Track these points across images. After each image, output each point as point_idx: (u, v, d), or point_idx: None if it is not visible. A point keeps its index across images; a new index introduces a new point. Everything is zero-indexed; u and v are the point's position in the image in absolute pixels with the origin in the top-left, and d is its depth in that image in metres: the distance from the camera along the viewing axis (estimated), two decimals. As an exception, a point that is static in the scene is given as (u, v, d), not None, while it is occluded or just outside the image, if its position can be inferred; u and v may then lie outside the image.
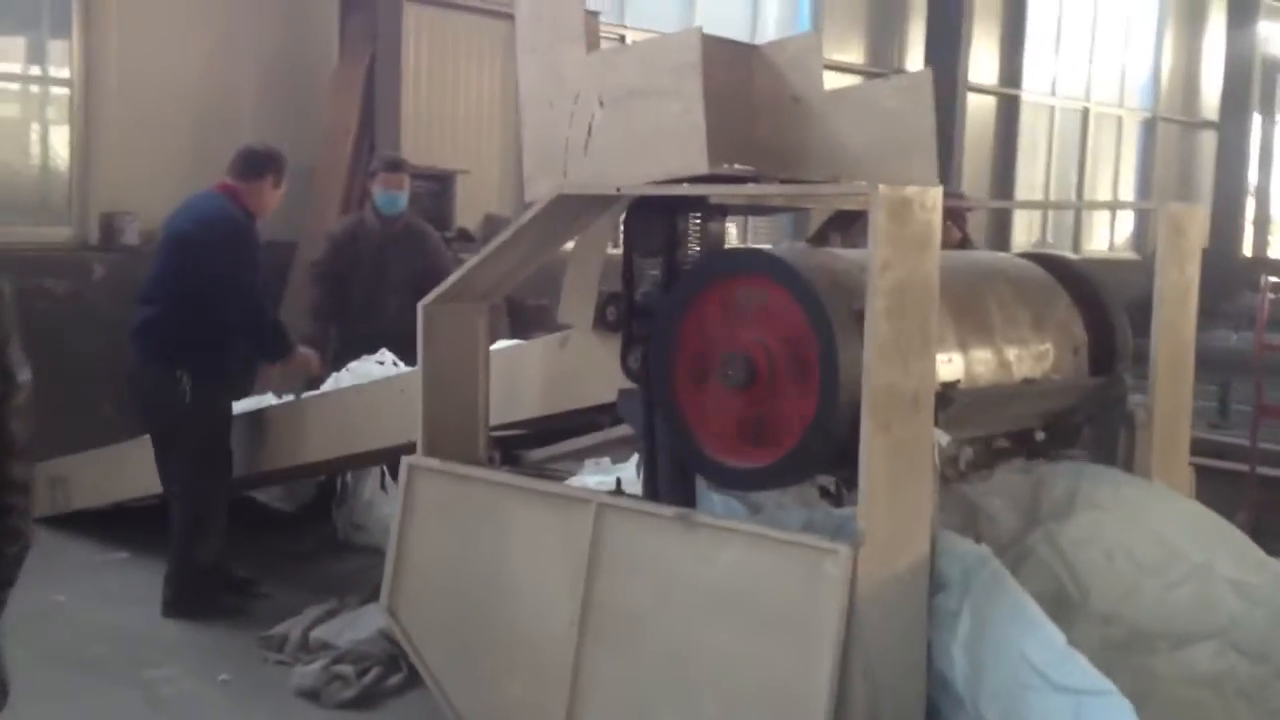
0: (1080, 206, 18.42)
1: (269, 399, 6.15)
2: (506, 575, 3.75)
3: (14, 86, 8.10)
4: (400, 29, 8.98)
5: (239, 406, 5.72)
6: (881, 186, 3.05)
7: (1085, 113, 16.43)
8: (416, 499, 4.00)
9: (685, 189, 3.57)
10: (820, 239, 4.66)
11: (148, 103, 8.14)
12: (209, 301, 5.29)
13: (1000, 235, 14.96)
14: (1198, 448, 4.47)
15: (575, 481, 5.28)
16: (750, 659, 3.19)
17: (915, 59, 13.77)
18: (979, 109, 14.55)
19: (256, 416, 5.62)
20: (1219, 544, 3.80)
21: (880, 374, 3.04)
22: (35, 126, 8.15)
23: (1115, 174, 17.19)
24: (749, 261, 3.47)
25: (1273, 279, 9.12)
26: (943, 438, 3.24)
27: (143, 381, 5.41)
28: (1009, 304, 3.79)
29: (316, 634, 4.64)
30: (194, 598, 5.26)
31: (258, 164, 5.52)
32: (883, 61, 13.66)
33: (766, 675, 3.16)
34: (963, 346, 3.57)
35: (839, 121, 4.35)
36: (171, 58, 8.27)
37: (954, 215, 5.53)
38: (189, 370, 5.28)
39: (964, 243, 5.64)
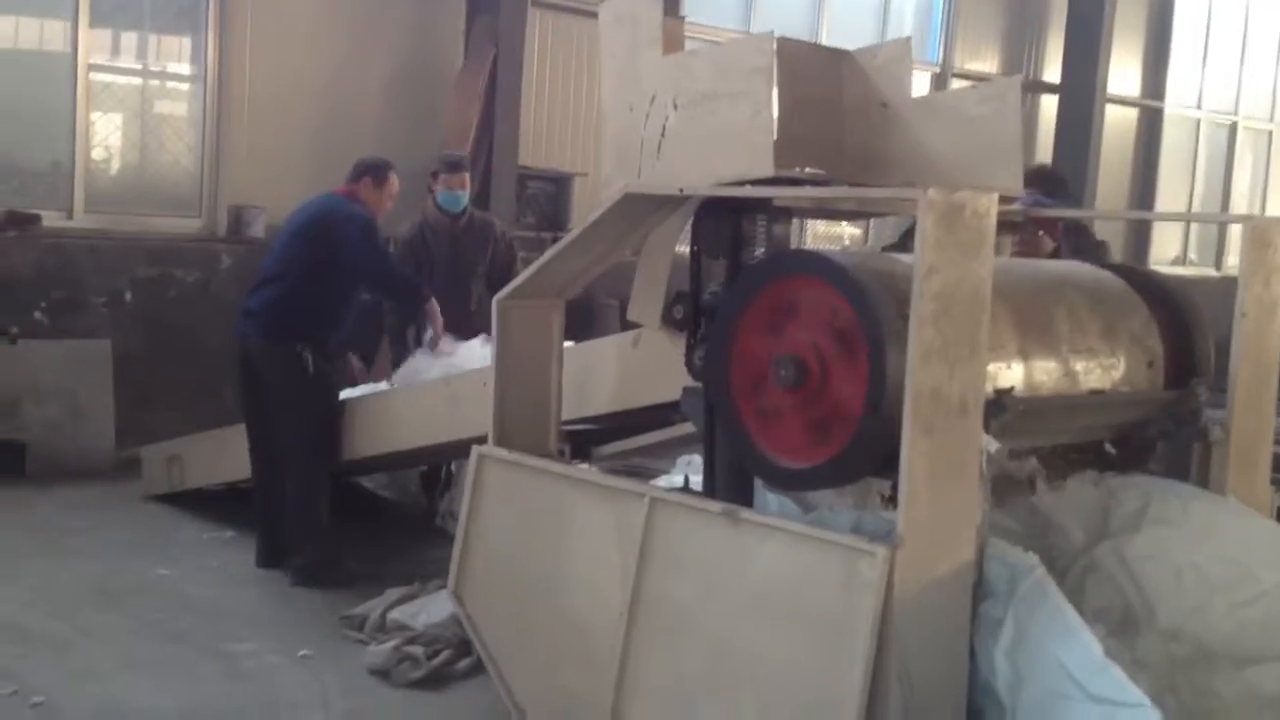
0: (1155, 218, 16.93)
1: (383, 387, 6.36)
2: (564, 565, 3.83)
3: (152, 83, 8.47)
4: (523, 32, 9.14)
5: (353, 392, 6.05)
6: (931, 190, 3.05)
7: (1233, 127, 15.94)
8: (484, 487, 4.11)
9: (747, 191, 3.60)
10: (900, 245, 4.65)
11: (277, 101, 8.47)
12: (357, 283, 5.88)
13: (1139, 251, 14.60)
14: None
15: (665, 480, 5.35)
16: (788, 657, 3.21)
17: (1053, 70, 13.53)
18: (1119, 121, 14.21)
19: (350, 405, 5.81)
20: (1294, 564, 3.70)
21: (923, 378, 3.04)
22: (171, 122, 8.50)
23: (1265, 190, 16.63)
24: (804, 263, 3.49)
25: None
26: (991, 444, 3.21)
27: (263, 356, 5.72)
28: (1079, 314, 3.73)
29: (394, 615, 4.79)
30: (322, 565, 5.54)
31: (358, 169, 6.11)
32: (1019, 72, 13.45)
33: (802, 674, 3.18)
34: (1024, 354, 3.53)
35: (926, 128, 4.35)
36: (301, 57, 8.57)
37: (1047, 225, 5.44)
38: (310, 346, 5.64)
39: (1057, 253, 5.55)
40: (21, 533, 6.02)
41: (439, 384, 5.41)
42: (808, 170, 4.05)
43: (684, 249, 4.02)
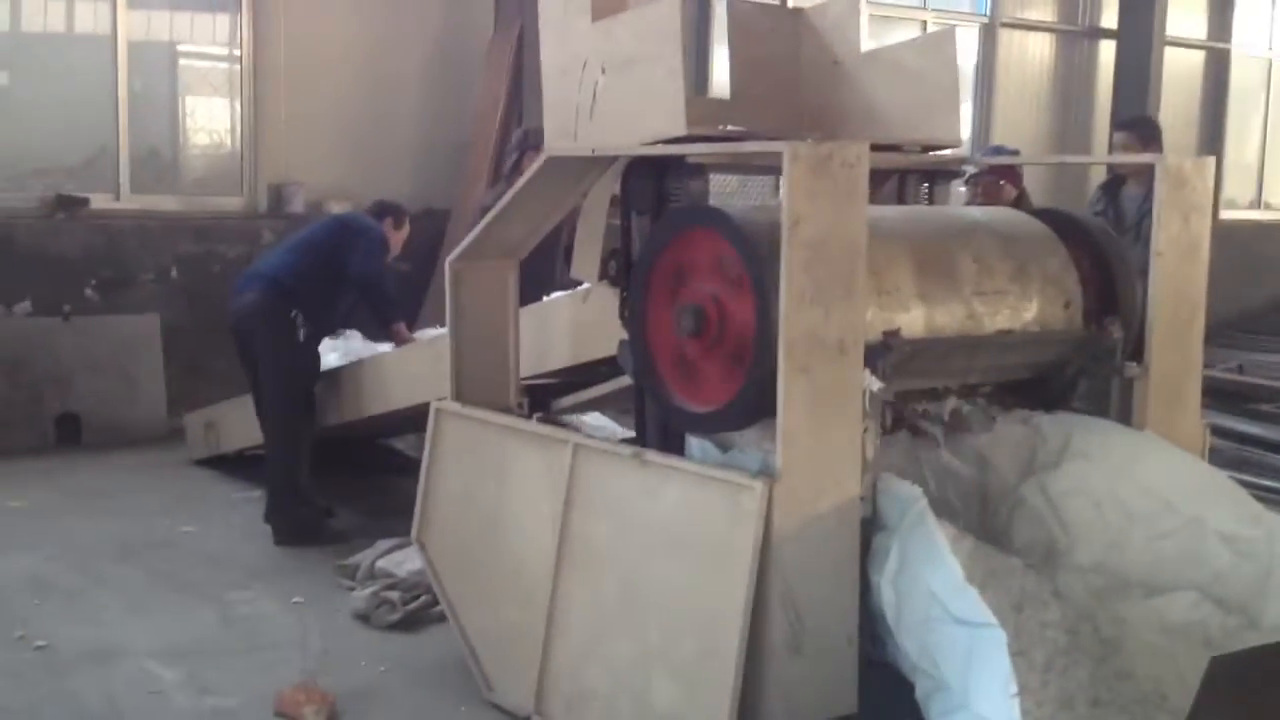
0: (1071, 161, 15.60)
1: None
2: (505, 510, 4.07)
3: (192, 64, 8.84)
4: (550, 1, 9.29)
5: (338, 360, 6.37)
6: (796, 143, 3.21)
7: (1307, 65, 15.54)
8: (441, 439, 4.38)
9: (641, 150, 3.78)
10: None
11: (314, 78, 8.77)
12: (351, 285, 6.16)
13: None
14: None
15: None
16: (686, 585, 3.42)
17: (1110, 15, 13.32)
18: (1183, 65, 13.94)
19: (351, 369, 6.12)
20: (1213, 497, 3.79)
21: (797, 320, 3.21)
22: (211, 103, 8.85)
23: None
24: (700, 217, 3.66)
25: None
26: (873, 383, 3.37)
27: (258, 314, 6.00)
28: (988, 257, 3.85)
29: (381, 564, 5.07)
30: (303, 524, 5.81)
31: (382, 208, 6.51)
32: (1074, 19, 13.33)
33: (697, 603, 3.38)
34: (924, 297, 3.66)
35: (872, 82, 4.50)
36: (335, 34, 8.87)
37: (1008, 173, 5.52)
38: (304, 313, 5.97)
39: (1020, 199, 5.63)
40: (60, 495, 6.44)
41: (424, 346, 5.68)
42: (730, 128, 4.22)
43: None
